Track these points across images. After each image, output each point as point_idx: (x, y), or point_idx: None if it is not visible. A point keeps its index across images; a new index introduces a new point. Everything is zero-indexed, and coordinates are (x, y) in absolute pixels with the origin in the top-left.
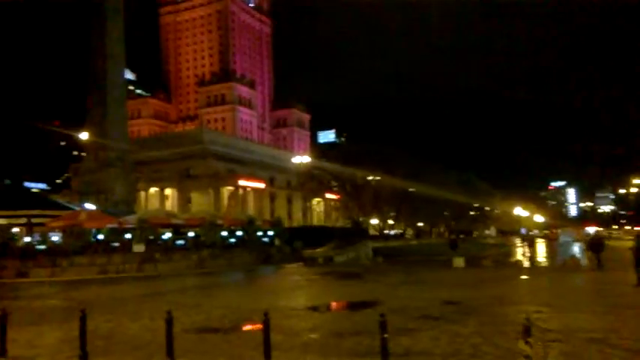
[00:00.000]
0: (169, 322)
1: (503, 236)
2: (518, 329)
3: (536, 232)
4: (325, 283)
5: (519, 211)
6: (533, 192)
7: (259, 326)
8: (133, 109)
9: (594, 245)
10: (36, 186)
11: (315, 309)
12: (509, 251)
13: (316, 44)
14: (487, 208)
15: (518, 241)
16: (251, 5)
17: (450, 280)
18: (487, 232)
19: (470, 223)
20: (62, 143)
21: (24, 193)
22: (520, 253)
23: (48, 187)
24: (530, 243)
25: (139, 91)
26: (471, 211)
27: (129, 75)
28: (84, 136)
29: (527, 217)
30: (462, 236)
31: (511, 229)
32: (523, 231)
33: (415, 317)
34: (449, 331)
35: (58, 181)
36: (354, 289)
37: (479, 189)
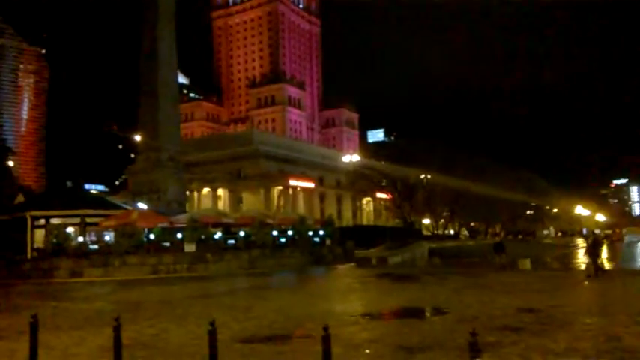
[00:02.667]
0: (212, 334)
1: (564, 236)
2: (622, 346)
3: (597, 231)
4: (381, 286)
5: (579, 210)
6: (594, 190)
7: (314, 335)
8: (186, 111)
9: None
10: (95, 188)
11: (374, 316)
12: (573, 253)
13: (364, 42)
14: (546, 207)
15: (581, 242)
16: (300, 6)
17: (519, 284)
18: (545, 232)
19: (527, 223)
20: (119, 146)
21: (79, 194)
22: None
23: (106, 189)
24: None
25: (192, 95)
26: (529, 210)
27: (182, 79)
28: (138, 138)
29: (587, 217)
30: (520, 237)
31: (571, 229)
32: (584, 231)
33: (491, 328)
34: (538, 347)
35: (116, 183)
36: (414, 294)
37: (536, 187)
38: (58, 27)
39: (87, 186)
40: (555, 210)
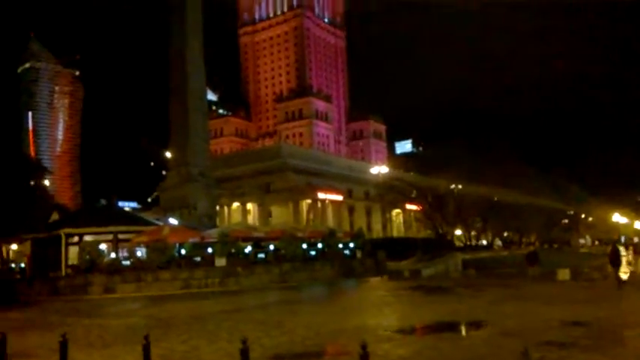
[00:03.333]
0: (244, 352)
1: (601, 245)
2: None
3: (635, 239)
4: (415, 299)
5: (617, 217)
6: (632, 197)
7: (349, 352)
8: (215, 128)
9: None
10: (129, 205)
11: (409, 331)
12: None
13: (390, 53)
14: (582, 215)
15: (622, 251)
16: (325, 20)
17: (560, 295)
18: (582, 240)
19: (562, 232)
20: (151, 163)
21: (112, 211)
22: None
23: (139, 206)
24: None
25: (220, 111)
26: (564, 218)
27: (211, 96)
28: (169, 154)
29: (626, 224)
30: (555, 246)
31: (608, 238)
32: (622, 239)
33: (537, 343)
34: None
35: (148, 199)
36: (450, 307)
37: (572, 194)
38: (90, 48)
39: (120, 203)
40: (591, 218)
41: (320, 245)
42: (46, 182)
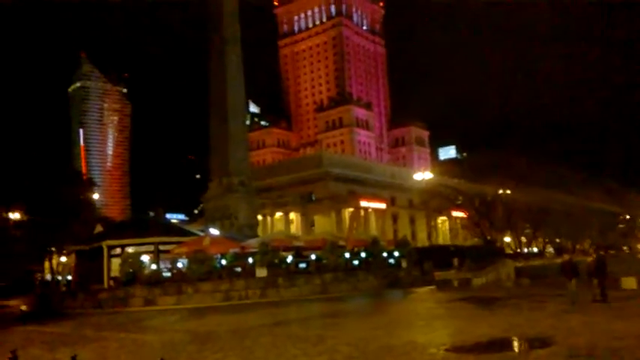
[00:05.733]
0: None
1: None
2: None
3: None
4: (468, 312)
5: None
6: None
7: None
8: (257, 139)
9: None
10: (176, 217)
11: (464, 348)
12: None
13: (431, 58)
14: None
15: None
16: (364, 28)
17: (630, 307)
18: None
19: (619, 237)
20: (197, 176)
21: (153, 222)
22: None
23: (186, 218)
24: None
25: (263, 123)
26: (620, 223)
27: (253, 108)
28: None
29: None
30: (612, 252)
31: None
32: None
33: None
34: None
35: (195, 211)
36: (508, 320)
37: (627, 199)
38: (135, 65)
39: (168, 215)
40: None
41: (363, 254)
42: (95, 196)
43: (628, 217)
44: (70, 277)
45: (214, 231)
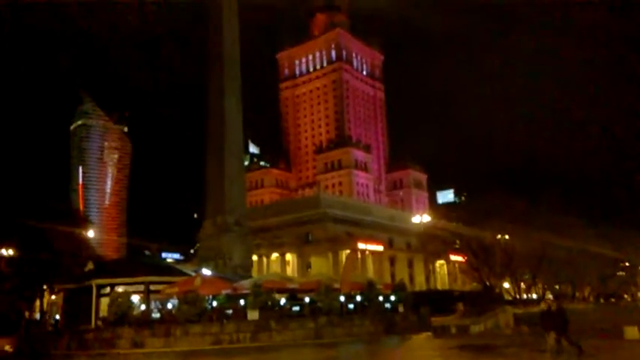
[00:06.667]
0: None
1: None
2: None
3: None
4: None
5: None
6: None
7: None
8: (256, 179)
9: None
10: (172, 256)
11: None
12: None
13: (430, 102)
14: None
15: None
16: (364, 73)
17: (636, 357)
18: None
19: (618, 285)
20: (195, 215)
21: (144, 261)
22: None
23: (182, 257)
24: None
25: (262, 163)
26: (620, 270)
27: (253, 149)
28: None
29: None
30: (612, 300)
31: None
32: None
33: None
34: None
35: (191, 251)
36: None
37: (627, 244)
38: (136, 104)
39: (164, 254)
40: None
41: (359, 298)
42: (91, 234)
43: (628, 264)
44: (58, 317)
45: (207, 271)
